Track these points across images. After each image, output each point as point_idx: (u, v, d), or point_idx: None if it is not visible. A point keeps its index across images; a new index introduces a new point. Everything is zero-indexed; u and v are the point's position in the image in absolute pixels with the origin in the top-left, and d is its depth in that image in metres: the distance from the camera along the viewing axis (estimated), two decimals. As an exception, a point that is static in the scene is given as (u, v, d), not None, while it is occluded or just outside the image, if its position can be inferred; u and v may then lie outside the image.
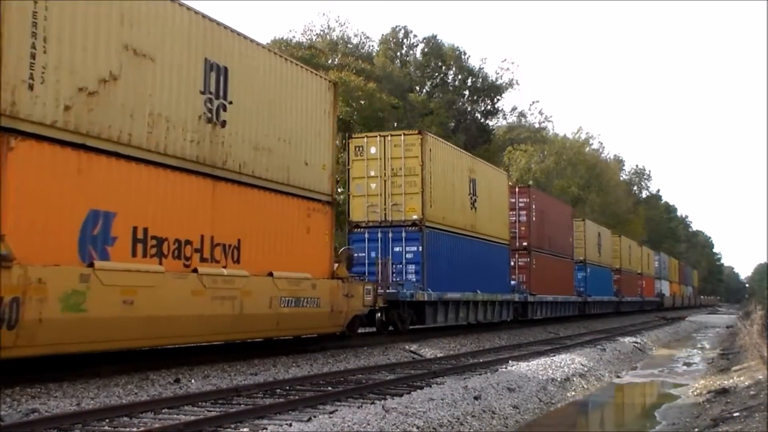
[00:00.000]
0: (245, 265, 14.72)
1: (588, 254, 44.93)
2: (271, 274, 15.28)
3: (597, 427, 14.48)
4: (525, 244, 33.31)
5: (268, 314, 15.14)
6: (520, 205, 33.64)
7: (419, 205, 22.87)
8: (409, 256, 22.85)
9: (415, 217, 22.86)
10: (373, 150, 23.42)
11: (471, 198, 26.94)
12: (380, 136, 23.77)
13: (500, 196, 30.51)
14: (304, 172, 17.03)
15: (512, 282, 31.46)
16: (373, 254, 22.91)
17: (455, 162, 25.80)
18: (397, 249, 22.93)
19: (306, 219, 16.94)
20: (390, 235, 23.05)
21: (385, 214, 23.15)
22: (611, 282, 51.78)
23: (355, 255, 21.63)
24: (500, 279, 29.59)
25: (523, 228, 33.46)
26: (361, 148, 23.59)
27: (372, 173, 23.33)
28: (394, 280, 22.36)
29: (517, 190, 34.09)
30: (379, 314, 21.70)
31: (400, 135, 23.72)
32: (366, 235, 23.18)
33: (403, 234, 22.87)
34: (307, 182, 17.11)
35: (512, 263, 32.22)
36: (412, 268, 22.94)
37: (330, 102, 18.37)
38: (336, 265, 18.19)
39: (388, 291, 21.32)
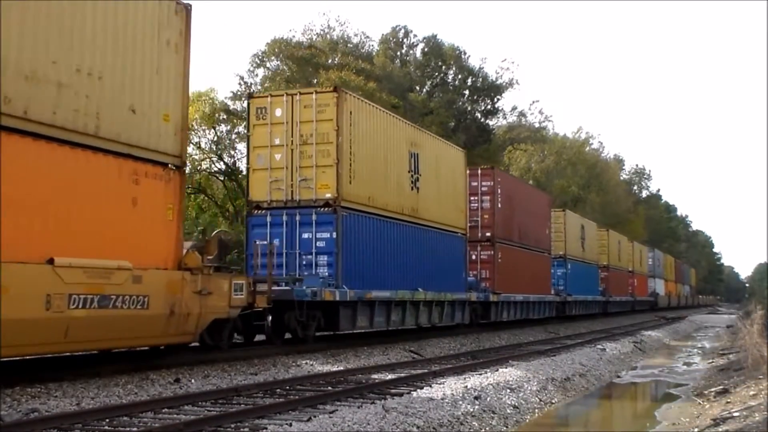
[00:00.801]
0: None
1: (569, 249, 40.41)
2: (51, 261, 10.89)
3: (597, 427, 14.48)
4: (488, 234, 28.61)
5: (45, 320, 10.69)
6: (483, 189, 28.97)
7: (333, 180, 18.40)
8: (320, 244, 18.37)
9: (328, 195, 18.43)
10: (278, 112, 19.05)
11: (412, 176, 22.38)
12: (287, 94, 19.36)
13: (454, 177, 25.96)
14: (127, 122, 12.58)
15: (470, 278, 26.84)
16: (277, 242, 18.35)
17: (389, 131, 21.34)
18: (305, 236, 18.53)
19: (130, 187, 12.53)
20: (297, 218, 18.63)
21: (292, 192, 18.81)
22: (597, 280, 47.54)
23: (262, 243, 17.77)
24: (452, 275, 24.99)
25: (486, 216, 28.79)
26: (263, 110, 19.19)
27: (277, 141, 18.99)
28: (303, 274, 18.20)
29: (479, 172, 29.25)
30: (270, 318, 17.21)
31: (312, 93, 19.07)
32: (268, 219, 18.93)
33: (314, 217, 18.48)
34: (133, 136, 12.65)
35: (473, 257, 28.23)
36: (323, 259, 18.40)
37: (178, 30, 13.76)
38: (190, 252, 13.91)
39: (279, 288, 17.02)
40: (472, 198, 28.42)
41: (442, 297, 23.72)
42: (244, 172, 22.30)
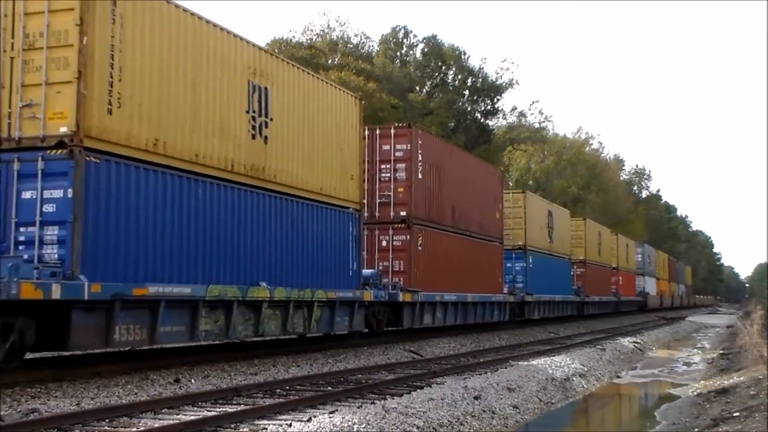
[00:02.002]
0: None
1: (532, 239, 33.24)
2: None
3: (597, 427, 14.48)
4: (403, 214, 21.84)
5: None
6: (398, 154, 22.20)
7: (72, 104, 11.53)
8: (48, 209, 11.46)
9: (64, 129, 11.53)
10: None
11: (253, 119, 15.37)
12: None
13: (340, 131, 18.65)
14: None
15: (367, 271, 20.15)
16: None
17: (210, 47, 14.27)
18: (27, 195, 11.55)
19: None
20: (15, 167, 11.60)
21: (9, 125, 11.77)
22: (570, 277, 40.42)
23: None
24: (333, 265, 18.04)
25: (400, 190, 22.02)
26: None
27: None
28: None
29: (393, 131, 22.34)
30: None
31: None
32: None
33: (39, 166, 11.48)
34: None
35: (383, 242, 21.84)
36: (52, 233, 11.42)
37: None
38: None
39: None
40: (383, 166, 22.04)
41: (307, 296, 16.52)
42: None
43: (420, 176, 22.58)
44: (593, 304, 45.13)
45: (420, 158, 22.61)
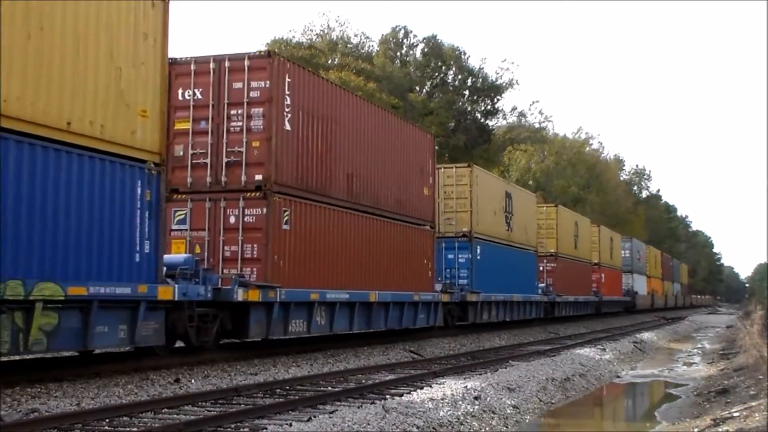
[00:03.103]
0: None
1: (480, 225, 27.13)
2: None
3: (597, 427, 14.48)
4: (259, 178, 15.63)
5: None
6: (253, 95, 15.90)
7: None
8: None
9: None
10: None
11: None
12: None
13: (114, 33, 12.18)
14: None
15: (174, 258, 14.15)
16: None
17: None
18: None
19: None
20: None
21: None
22: (535, 272, 34.41)
23: None
24: (94, 245, 11.77)
25: (255, 144, 15.76)
26: None
27: None
28: None
29: (247, 63, 15.94)
30: None
31: None
32: None
33: None
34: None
35: (230, 219, 15.70)
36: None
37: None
38: None
39: None
40: (233, 112, 15.87)
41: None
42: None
43: (288, 127, 16.12)
44: (566, 304, 38.72)
45: (289, 102, 16.13)
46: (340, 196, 18.26)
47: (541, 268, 36.23)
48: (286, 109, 16.13)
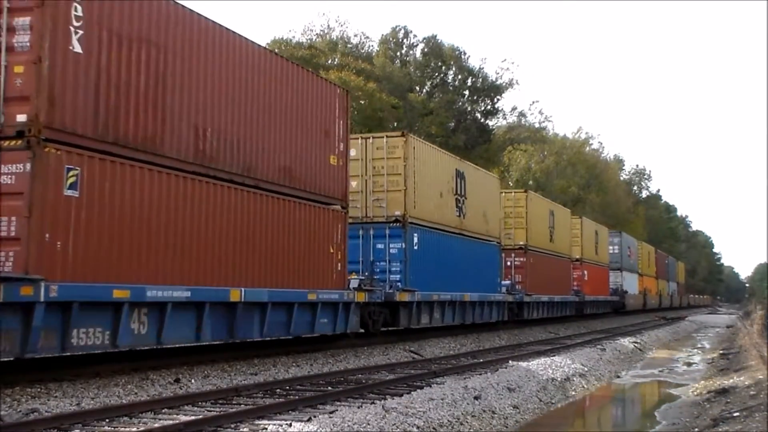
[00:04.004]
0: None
1: (417, 208, 22.06)
2: None
3: (597, 427, 14.49)
4: (22, 118, 10.69)
5: None
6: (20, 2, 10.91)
7: None
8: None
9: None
10: None
11: None
12: None
13: None
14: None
15: None
16: None
17: None
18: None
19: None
20: None
21: None
22: (498, 268, 29.41)
23: None
24: None
25: (19, 71, 10.82)
26: None
27: None
28: None
29: None
30: None
31: None
32: None
33: None
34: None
35: None
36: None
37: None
38: None
39: None
40: None
41: None
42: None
43: (78, 48, 11.29)
44: (538, 305, 33.73)
45: (80, 13, 11.35)
46: (184, 156, 13.38)
47: (508, 263, 31.93)
48: (75, 23, 11.24)
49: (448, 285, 23.82)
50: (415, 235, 21.99)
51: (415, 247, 21.90)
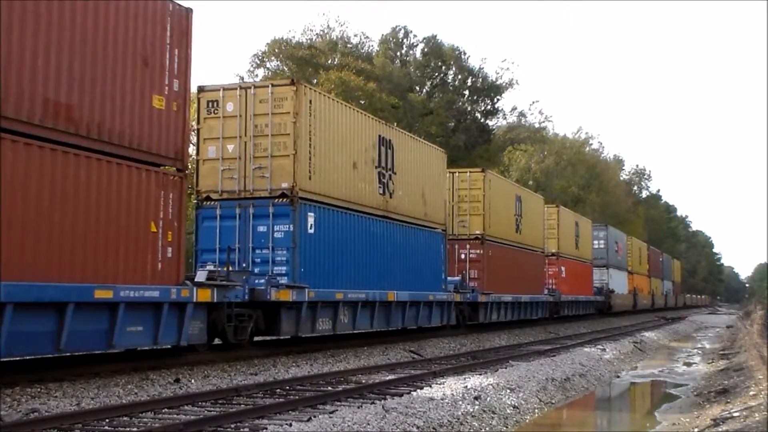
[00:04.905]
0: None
1: (314, 179, 17.34)
2: None
3: (597, 427, 14.49)
4: None
5: None
6: None
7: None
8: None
9: None
10: None
11: None
12: None
13: None
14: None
15: None
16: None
17: None
18: None
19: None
20: None
21: None
22: (441, 261, 24.00)
23: None
24: None
25: None
26: None
27: None
28: None
29: None
30: None
31: None
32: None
33: None
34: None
35: None
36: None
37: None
38: None
39: None
40: None
41: None
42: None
43: None
44: (498, 306, 28.63)
45: None
46: None
47: (462, 256, 27.32)
48: None
49: (364, 281, 19.10)
50: (311, 214, 17.10)
51: (311, 231, 17.06)
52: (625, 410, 17.15)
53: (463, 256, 27.41)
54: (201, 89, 17.51)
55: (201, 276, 13.95)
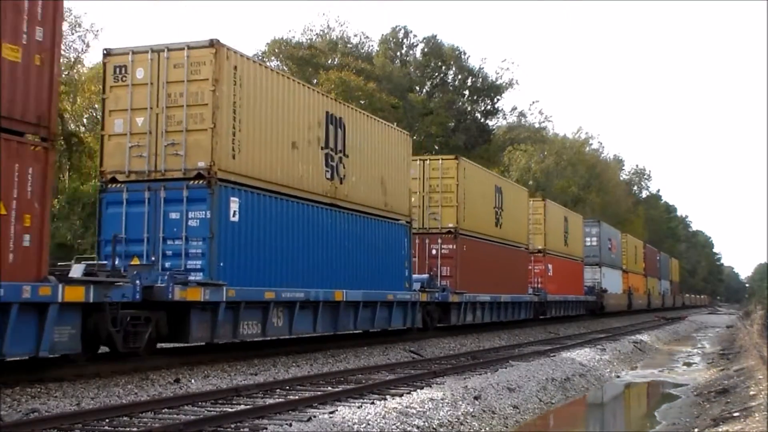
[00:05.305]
0: None
1: (235, 157, 14.71)
2: None
3: (597, 427, 14.49)
4: None
5: None
6: None
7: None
8: None
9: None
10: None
11: None
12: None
13: None
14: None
15: None
16: None
17: None
18: None
19: None
20: None
21: None
22: (404, 256, 21.50)
23: None
24: None
25: None
26: None
27: None
28: None
29: None
30: None
31: None
32: None
33: None
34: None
35: None
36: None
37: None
38: None
39: None
40: None
41: None
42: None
43: None
44: (475, 306, 26.32)
45: None
46: None
47: (433, 252, 24.85)
48: None
49: (305, 278, 16.75)
50: (234, 199, 14.67)
51: (234, 219, 14.61)
52: (626, 410, 17.16)
53: (434, 252, 24.82)
54: (107, 52, 14.99)
55: (77, 271, 11.62)
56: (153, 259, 14.05)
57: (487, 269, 27.21)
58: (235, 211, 14.61)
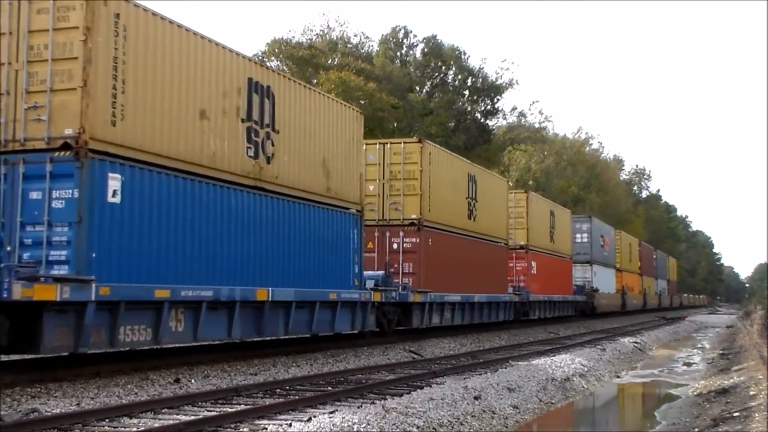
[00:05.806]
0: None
1: (116, 125, 11.94)
2: None
3: (597, 427, 14.49)
4: None
5: None
6: None
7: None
8: None
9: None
10: None
11: None
12: None
13: None
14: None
15: None
16: None
17: None
18: None
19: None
20: None
21: None
22: (357, 250, 19.05)
23: None
24: None
25: None
26: None
27: None
28: None
29: None
30: None
31: None
32: None
33: None
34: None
35: None
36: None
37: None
38: None
39: None
40: None
41: None
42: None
43: None
44: (443, 307, 23.69)
45: None
46: None
47: (394, 246, 22.06)
48: None
49: (217, 273, 14.09)
50: (115, 176, 11.99)
51: (113, 199, 11.95)
52: (626, 410, 17.16)
53: (395, 246, 21.97)
54: None
55: None
56: (9, 249, 11.31)
57: (458, 266, 24.39)
58: (115, 191, 11.90)
